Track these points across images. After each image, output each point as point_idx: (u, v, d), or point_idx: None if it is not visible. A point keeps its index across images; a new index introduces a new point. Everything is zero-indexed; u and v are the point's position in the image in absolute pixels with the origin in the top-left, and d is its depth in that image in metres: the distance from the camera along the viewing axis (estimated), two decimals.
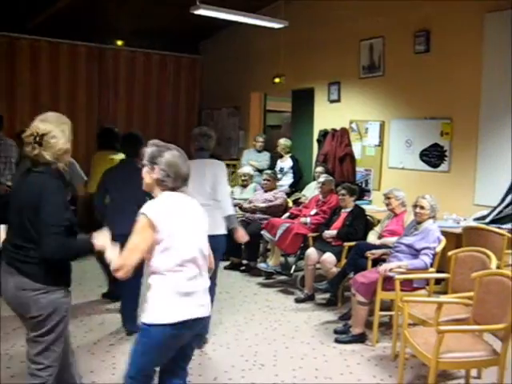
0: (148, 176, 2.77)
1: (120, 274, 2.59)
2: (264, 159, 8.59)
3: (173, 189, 2.75)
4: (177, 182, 2.75)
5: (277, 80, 8.96)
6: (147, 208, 2.65)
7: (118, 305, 5.15)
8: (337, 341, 4.67)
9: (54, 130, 2.81)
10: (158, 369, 2.87)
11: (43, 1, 7.88)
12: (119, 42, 10.13)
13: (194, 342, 2.94)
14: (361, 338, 4.67)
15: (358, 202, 6.37)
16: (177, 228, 2.68)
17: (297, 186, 8.20)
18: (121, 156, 5.36)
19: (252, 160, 8.51)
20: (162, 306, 2.64)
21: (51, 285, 2.79)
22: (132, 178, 3.72)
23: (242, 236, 4.49)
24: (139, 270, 3.09)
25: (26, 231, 2.73)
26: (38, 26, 9.00)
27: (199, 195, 3.57)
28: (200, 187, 4.21)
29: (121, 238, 2.77)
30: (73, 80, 9.95)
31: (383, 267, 4.59)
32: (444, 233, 5.27)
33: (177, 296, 2.65)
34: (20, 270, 2.76)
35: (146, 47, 10.58)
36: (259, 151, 8.69)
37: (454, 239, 5.73)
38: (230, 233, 4.52)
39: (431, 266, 4.63)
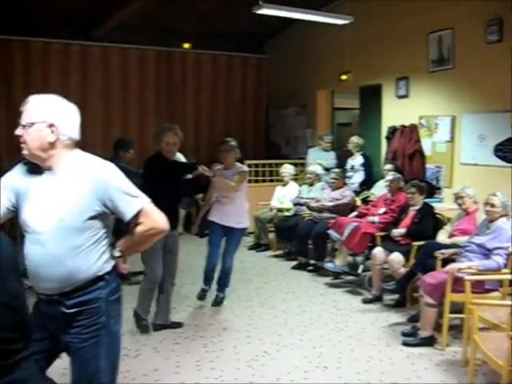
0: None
1: None
2: (331, 158, 8.47)
3: None
4: None
5: (343, 77, 8.84)
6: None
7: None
8: (404, 343, 4.53)
9: None
10: None
11: (108, 10, 8.12)
12: (186, 45, 10.32)
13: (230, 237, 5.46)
14: (429, 342, 4.50)
15: (428, 200, 6.18)
16: None
17: (367, 183, 8.02)
18: None
19: (319, 159, 8.40)
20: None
21: None
22: None
23: None
24: None
25: None
26: (106, 35, 9.30)
27: None
28: None
29: None
30: (142, 83, 10.19)
31: (452, 267, 4.41)
32: None
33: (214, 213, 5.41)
34: None
35: (212, 49, 10.67)
36: (326, 151, 8.57)
37: None
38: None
39: (505, 266, 4.41)
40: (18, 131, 2.27)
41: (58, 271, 2.24)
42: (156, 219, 2.35)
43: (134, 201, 2.32)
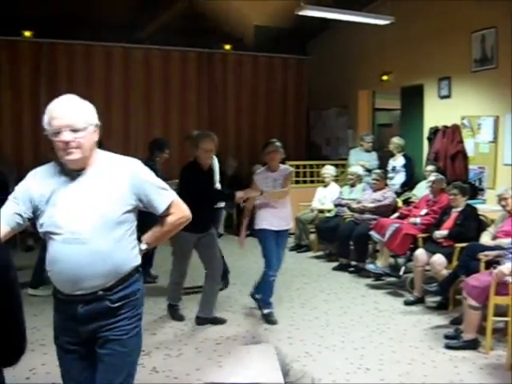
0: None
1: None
2: (373, 159, 8.46)
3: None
4: None
5: (384, 77, 8.82)
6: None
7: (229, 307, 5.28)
8: (447, 346, 4.50)
9: None
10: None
11: (150, 12, 8.28)
12: (227, 47, 10.44)
13: (280, 240, 5.26)
14: (473, 345, 4.46)
15: (471, 202, 6.11)
16: None
17: (409, 184, 7.96)
18: None
19: (361, 160, 8.38)
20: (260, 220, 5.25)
21: None
22: None
23: None
24: None
25: None
26: (148, 37, 9.51)
27: None
28: None
29: None
30: (183, 84, 10.38)
31: (500, 269, 4.34)
32: None
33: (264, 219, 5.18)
34: None
35: (253, 50, 10.75)
36: (368, 151, 8.56)
37: None
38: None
39: None
40: (68, 136, 2.21)
41: (105, 267, 2.28)
42: (184, 209, 2.53)
43: (165, 193, 2.45)
